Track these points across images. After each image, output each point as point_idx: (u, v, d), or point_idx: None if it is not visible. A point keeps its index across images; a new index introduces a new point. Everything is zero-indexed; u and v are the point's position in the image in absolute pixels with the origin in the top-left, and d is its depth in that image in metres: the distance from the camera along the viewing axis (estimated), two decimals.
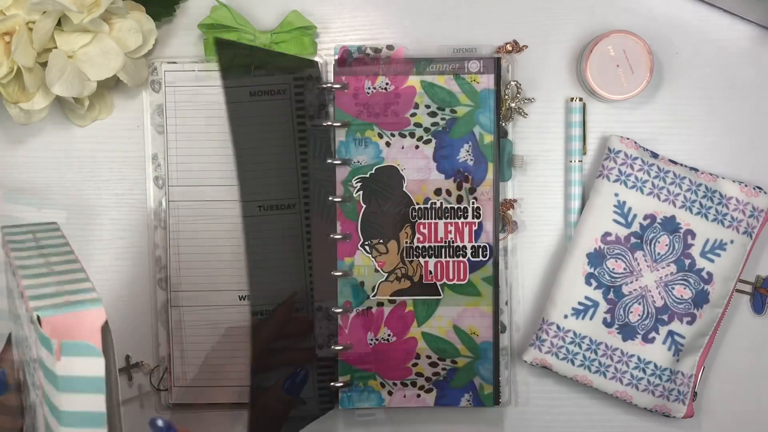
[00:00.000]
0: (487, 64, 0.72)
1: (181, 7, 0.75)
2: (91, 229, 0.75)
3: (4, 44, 0.66)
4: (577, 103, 0.74)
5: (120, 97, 0.75)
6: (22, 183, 0.75)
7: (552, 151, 0.75)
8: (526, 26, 0.75)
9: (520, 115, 0.74)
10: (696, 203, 0.72)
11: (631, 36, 0.72)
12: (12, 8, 0.66)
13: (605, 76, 0.72)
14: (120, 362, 0.75)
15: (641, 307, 0.72)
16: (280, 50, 0.73)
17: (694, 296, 0.72)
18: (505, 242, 0.74)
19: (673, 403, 0.72)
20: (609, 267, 0.72)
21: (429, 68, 0.73)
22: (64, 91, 0.67)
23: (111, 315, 0.75)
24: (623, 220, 0.72)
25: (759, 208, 0.72)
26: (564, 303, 0.72)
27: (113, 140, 0.75)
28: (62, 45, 0.68)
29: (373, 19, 0.75)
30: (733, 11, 0.75)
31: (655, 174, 0.72)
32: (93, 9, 0.67)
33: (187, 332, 0.73)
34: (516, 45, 0.74)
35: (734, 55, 0.75)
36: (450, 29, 0.75)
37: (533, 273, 0.75)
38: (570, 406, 0.76)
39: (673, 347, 0.72)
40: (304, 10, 0.74)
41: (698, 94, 0.75)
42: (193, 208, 0.73)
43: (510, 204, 0.74)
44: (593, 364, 0.72)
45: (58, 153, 0.75)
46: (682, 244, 0.72)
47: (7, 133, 0.76)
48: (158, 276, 0.74)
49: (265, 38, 0.73)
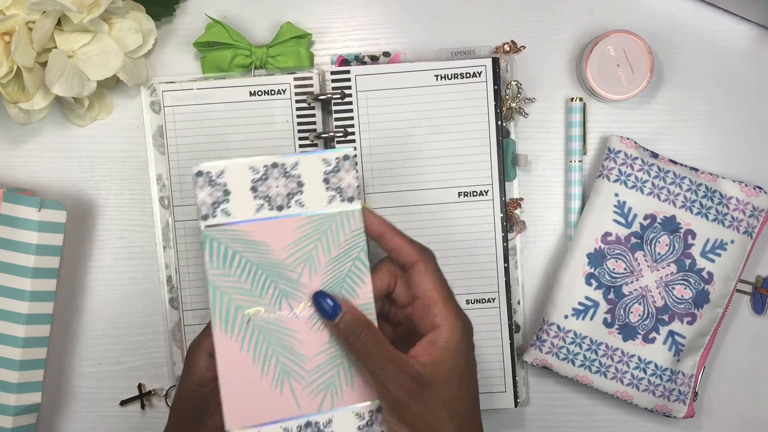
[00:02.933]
0: (486, 65, 0.72)
1: (180, 10, 0.75)
2: (91, 229, 0.75)
3: (3, 44, 0.66)
4: (577, 103, 0.74)
5: (120, 97, 0.75)
6: (22, 183, 0.75)
7: (552, 151, 0.75)
8: (526, 26, 0.75)
9: (521, 115, 0.74)
10: (696, 203, 0.72)
11: (631, 36, 0.72)
12: (12, 8, 0.65)
13: (605, 76, 0.72)
14: (131, 390, 0.76)
15: (641, 307, 0.72)
16: (276, 64, 0.73)
17: (695, 296, 0.72)
18: (514, 242, 0.74)
19: (673, 403, 0.72)
20: (609, 267, 0.72)
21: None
22: (63, 91, 0.67)
23: (112, 317, 0.76)
24: (623, 220, 0.72)
25: (759, 208, 0.72)
26: (564, 303, 0.72)
27: (113, 140, 0.75)
28: (62, 45, 0.67)
29: (373, 20, 0.75)
30: (733, 11, 0.75)
31: (655, 174, 0.72)
32: (93, 9, 0.66)
33: None
34: (514, 45, 0.74)
35: (734, 55, 0.75)
36: (449, 29, 0.75)
37: (534, 273, 0.75)
38: (570, 406, 0.76)
39: (674, 347, 0.72)
40: (299, 18, 0.74)
41: (698, 94, 0.75)
42: (197, 227, 0.72)
43: (516, 203, 0.74)
44: (594, 365, 0.72)
45: (58, 153, 0.75)
46: (682, 244, 0.72)
47: (7, 133, 0.76)
48: (169, 296, 0.74)
49: (261, 53, 0.73)
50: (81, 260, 0.75)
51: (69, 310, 0.75)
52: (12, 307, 0.70)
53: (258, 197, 0.58)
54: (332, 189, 0.59)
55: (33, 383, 0.72)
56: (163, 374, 0.76)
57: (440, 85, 0.71)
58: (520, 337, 0.75)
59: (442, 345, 0.56)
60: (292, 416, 0.57)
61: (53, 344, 0.75)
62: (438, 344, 0.56)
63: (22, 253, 0.70)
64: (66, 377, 0.76)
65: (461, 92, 0.71)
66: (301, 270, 0.58)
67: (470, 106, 0.71)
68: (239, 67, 0.73)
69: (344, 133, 0.71)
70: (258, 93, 0.72)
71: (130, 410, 0.76)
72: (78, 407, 0.76)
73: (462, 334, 0.56)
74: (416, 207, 0.72)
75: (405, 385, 0.55)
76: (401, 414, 0.55)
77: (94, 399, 0.76)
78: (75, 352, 0.76)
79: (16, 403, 0.71)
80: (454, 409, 0.56)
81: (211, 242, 0.57)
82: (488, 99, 0.72)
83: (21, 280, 0.70)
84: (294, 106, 0.72)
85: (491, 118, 0.72)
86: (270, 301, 0.57)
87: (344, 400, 0.58)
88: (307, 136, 0.72)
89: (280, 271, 0.58)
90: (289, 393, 0.57)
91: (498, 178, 0.72)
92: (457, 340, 0.56)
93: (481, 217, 0.72)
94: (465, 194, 0.72)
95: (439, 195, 0.72)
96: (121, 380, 0.75)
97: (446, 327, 0.56)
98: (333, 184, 0.59)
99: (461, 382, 0.56)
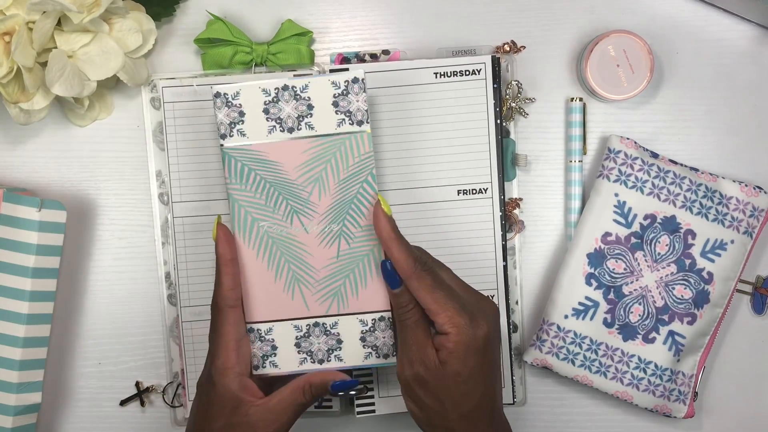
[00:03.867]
0: (485, 62, 0.72)
1: (180, 10, 0.75)
2: (91, 229, 0.75)
3: (3, 44, 0.66)
4: (577, 103, 0.74)
5: (120, 97, 0.75)
6: (22, 183, 0.75)
7: (552, 151, 0.75)
8: (526, 26, 0.75)
9: (521, 115, 0.74)
10: (696, 203, 0.72)
11: (631, 36, 0.72)
12: (12, 8, 0.65)
13: (605, 76, 0.72)
14: (131, 390, 0.76)
15: (641, 307, 0.72)
16: (277, 61, 0.73)
17: (695, 296, 0.72)
18: (513, 242, 0.74)
19: (673, 403, 0.72)
20: (609, 267, 0.72)
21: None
22: (64, 91, 0.67)
23: (112, 317, 0.76)
24: (623, 220, 0.72)
25: (759, 208, 0.72)
26: (564, 303, 0.72)
27: (113, 140, 0.75)
28: (62, 45, 0.67)
29: (373, 19, 0.75)
30: (733, 11, 0.75)
31: (655, 174, 0.72)
32: (93, 9, 0.67)
33: (197, 347, 0.73)
34: (514, 45, 0.74)
35: (734, 55, 0.75)
36: (450, 29, 0.75)
37: (533, 273, 0.75)
38: (570, 406, 0.76)
39: (674, 347, 0.72)
40: (300, 18, 0.74)
41: (698, 94, 0.75)
42: (197, 223, 0.72)
43: (516, 203, 0.74)
44: (594, 365, 0.72)
45: (58, 153, 0.75)
46: (682, 244, 0.72)
47: (7, 133, 0.76)
48: (167, 292, 0.74)
49: (262, 50, 0.73)
50: (81, 260, 0.75)
51: (69, 310, 0.75)
52: (12, 307, 0.70)
53: (270, 119, 0.62)
54: (341, 112, 0.62)
55: (33, 383, 0.72)
56: (164, 374, 0.76)
57: (439, 83, 0.71)
58: (518, 336, 0.75)
59: (450, 349, 0.59)
60: (302, 316, 0.63)
61: (53, 344, 0.75)
62: (447, 348, 0.59)
63: (22, 253, 0.70)
64: (66, 377, 0.76)
65: (460, 90, 0.71)
66: (311, 190, 0.62)
67: (469, 103, 0.72)
68: (240, 65, 0.73)
69: None
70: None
71: (130, 410, 0.76)
72: (78, 407, 0.76)
73: (472, 334, 0.59)
74: (415, 204, 0.72)
75: (415, 372, 0.60)
76: (407, 390, 0.61)
77: (94, 399, 0.76)
78: (75, 352, 0.76)
79: (16, 403, 0.71)
80: (457, 402, 0.59)
81: (229, 160, 0.62)
82: (487, 97, 0.72)
83: (21, 280, 0.70)
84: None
85: (490, 115, 0.72)
86: (282, 217, 0.63)
87: (350, 307, 0.64)
88: None
89: (292, 189, 0.62)
90: (299, 297, 0.63)
91: (497, 176, 0.72)
92: (466, 342, 0.59)
93: (481, 215, 0.72)
94: (464, 192, 0.72)
95: (439, 193, 0.72)
96: (121, 380, 0.75)
97: (453, 333, 0.59)
98: (342, 107, 0.62)
99: (468, 380, 0.59)
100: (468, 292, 0.62)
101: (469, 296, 0.61)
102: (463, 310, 0.59)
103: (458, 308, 0.59)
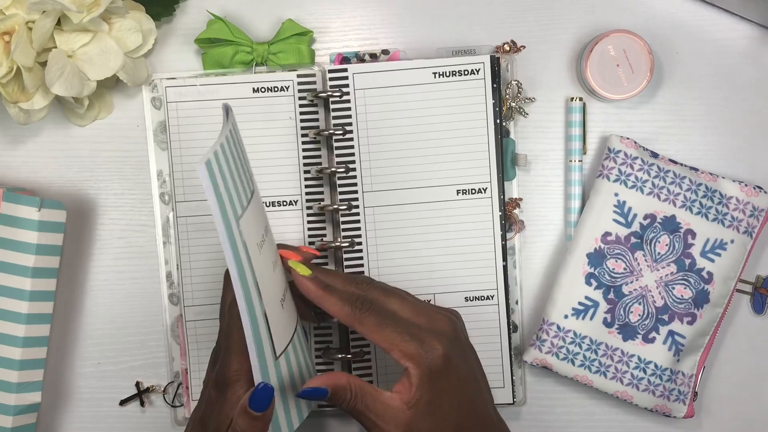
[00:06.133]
0: (484, 62, 0.72)
1: (180, 9, 0.75)
2: (91, 229, 0.75)
3: (3, 44, 0.66)
4: (577, 102, 0.74)
5: (120, 97, 0.75)
6: (22, 183, 0.75)
7: (552, 150, 0.75)
8: (526, 26, 0.75)
9: (521, 114, 0.74)
10: (696, 203, 0.72)
11: (631, 36, 0.72)
12: (11, 8, 0.65)
13: (605, 76, 0.72)
14: (131, 389, 0.76)
15: (641, 307, 0.72)
16: (278, 61, 0.73)
17: (695, 296, 0.72)
18: (512, 242, 0.74)
19: (673, 403, 0.72)
20: (609, 267, 0.72)
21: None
22: (63, 90, 0.67)
23: (112, 317, 0.76)
24: (623, 219, 0.72)
25: (759, 208, 0.72)
26: (564, 303, 0.72)
27: (113, 140, 0.75)
28: (62, 45, 0.68)
29: (373, 19, 0.75)
30: (733, 11, 0.75)
31: (655, 174, 0.72)
32: (93, 8, 0.67)
33: (200, 346, 0.73)
34: (514, 45, 0.74)
35: (734, 55, 0.75)
36: (449, 29, 0.75)
37: (533, 273, 0.75)
38: (570, 406, 0.76)
39: (674, 347, 0.72)
40: (300, 18, 0.74)
41: (698, 94, 0.75)
42: (200, 223, 0.72)
43: (516, 203, 0.74)
44: (593, 364, 0.72)
45: (58, 153, 0.75)
46: (682, 244, 0.72)
47: (7, 133, 0.76)
48: (169, 291, 0.74)
49: (262, 50, 0.73)
50: (81, 260, 0.75)
51: (69, 310, 0.75)
52: (12, 306, 0.70)
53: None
54: None
55: (33, 383, 0.72)
56: (164, 374, 0.76)
57: (438, 83, 0.71)
58: (518, 336, 0.75)
59: (415, 383, 0.58)
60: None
61: (53, 344, 0.75)
62: (411, 382, 0.58)
63: (22, 252, 0.70)
64: (66, 377, 0.76)
65: (460, 90, 0.71)
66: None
67: (469, 103, 0.71)
68: (240, 64, 0.73)
69: (343, 132, 0.71)
70: (261, 90, 0.72)
71: (130, 410, 0.76)
72: (78, 407, 0.76)
73: (428, 359, 0.58)
74: (415, 204, 0.72)
75: (393, 428, 0.58)
76: None
77: (94, 399, 0.76)
78: (75, 352, 0.76)
79: (16, 402, 0.71)
80: (450, 423, 0.59)
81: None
82: (486, 96, 0.72)
83: (21, 279, 0.70)
84: (297, 103, 0.72)
85: (490, 115, 0.72)
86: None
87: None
88: (306, 134, 0.72)
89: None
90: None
91: (497, 176, 0.72)
92: (426, 368, 0.58)
93: (480, 215, 0.72)
94: (464, 192, 0.72)
95: (438, 192, 0.72)
96: (120, 380, 0.75)
97: (411, 366, 0.58)
98: None
99: (443, 402, 0.58)
100: (421, 314, 0.60)
101: (422, 318, 0.60)
102: (413, 340, 0.58)
103: (408, 339, 0.58)
